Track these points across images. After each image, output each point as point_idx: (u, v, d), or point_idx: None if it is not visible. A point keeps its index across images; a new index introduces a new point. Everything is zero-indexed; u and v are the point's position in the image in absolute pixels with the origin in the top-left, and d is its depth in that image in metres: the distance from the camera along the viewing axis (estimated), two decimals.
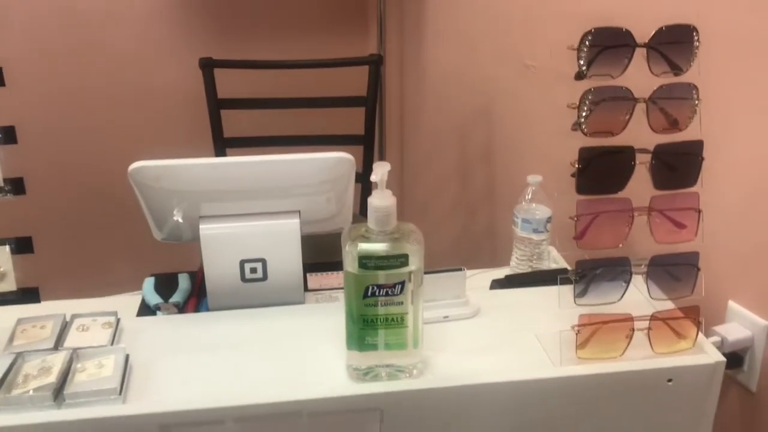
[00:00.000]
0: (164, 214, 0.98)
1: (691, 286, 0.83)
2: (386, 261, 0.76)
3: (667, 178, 0.80)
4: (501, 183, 1.72)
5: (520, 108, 1.58)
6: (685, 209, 0.81)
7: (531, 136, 1.54)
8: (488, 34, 1.68)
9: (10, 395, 0.75)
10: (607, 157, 0.78)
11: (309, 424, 0.78)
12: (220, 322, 0.94)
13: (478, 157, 1.82)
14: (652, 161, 0.78)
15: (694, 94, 0.79)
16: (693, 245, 0.82)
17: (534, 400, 0.81)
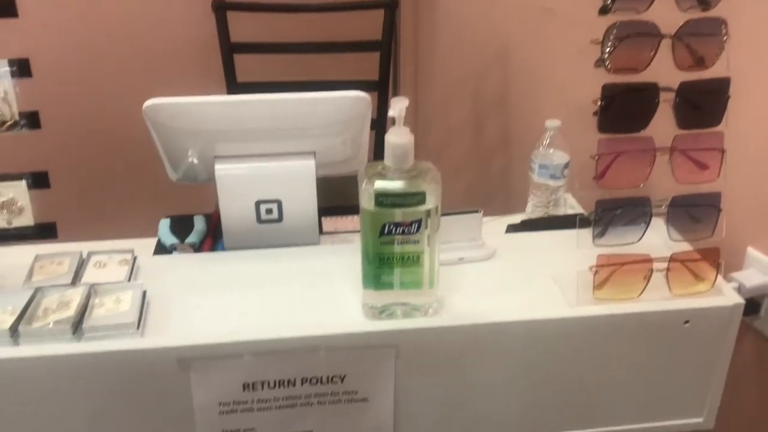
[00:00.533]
0: (179, 154, 0.98)
1: (711, 228, 0.82)
2: (403, 199, 0.75)
3: (691, 117, 0.78)
4: (517, 130, 1.70)
5: (538, 53, 1.55)
6: (708, 149, 0.79)
7: (549, 81, 1.52)
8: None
9: (30, 327, 0.76)
10: (631, 94, 0.76)
11: (326, 359, 0.78)
12: (237, 261, 0.94)
13: (494, 104, 1.79)
14: (676, 99, 0.77)
15: (722, 30, 0.76)
16: (715, 186, 0.81)
17: (550, 341, 0.81)
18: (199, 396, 0.78)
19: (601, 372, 0.84)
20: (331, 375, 0.79)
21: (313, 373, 0.79)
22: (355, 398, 0.81)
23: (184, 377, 0.77)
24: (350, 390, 0.80)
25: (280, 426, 0.81)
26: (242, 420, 0.80)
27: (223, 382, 0.78)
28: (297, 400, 0.80)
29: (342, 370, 0.79)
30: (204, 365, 0.76)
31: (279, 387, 0.79)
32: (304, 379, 0.79)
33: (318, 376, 0.79)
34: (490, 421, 0.86)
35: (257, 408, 0.79)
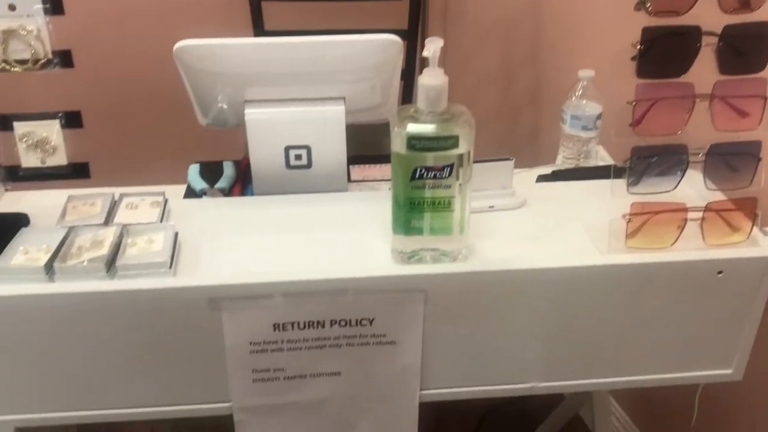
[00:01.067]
0: (209, 98, 0.97)
1: (749, 178, 0.80)
2: (435, 142, 0.74)
3: (734, 62, 0.76)
4: (548, 81, 1.67)
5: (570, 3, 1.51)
6: (750, 96, 0.77)
7: (583, 29, 1.48)
8: None
9: (64, 265, 0.77)
10: (672, 38, 0.74)
11: (354, 302, 0.79)
12: (266, 206, 0.95)
13: (525, 54, 1.76)
14: (719, 43, 0.74)
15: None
16: (755, 135, 0.79)
17: (580, 289, 0.81)
18: (230, 335, 0.79)
19: (631, 321, 0.84)
20: (360, 317, 0.80)
21: (342, 315, 0.79)
22: (383, 341, 0.82)
23: (216, 317, 0.78)
24: (378, 333, 0.81)
25: (309, 366, 0.82)
26: (272, 360, 0.81)
27: (254, 323, 0.78)
28: (326, 342, 0.81)
29: (371, 313, 0.80)
30: (235, 305, 0.77)
31: (308, 328, 0.80)
32: (333, 320, 0.80)
33: (347, 318, 0.80)
34: (516, 368, 0.86)
35: (287, 348, 0.80)
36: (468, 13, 2.02)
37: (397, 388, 0.85)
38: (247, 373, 0.81)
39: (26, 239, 0.81)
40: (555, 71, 1.63)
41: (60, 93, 0.91)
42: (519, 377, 0.86)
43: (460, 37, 2.06)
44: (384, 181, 1.08)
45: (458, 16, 2.07)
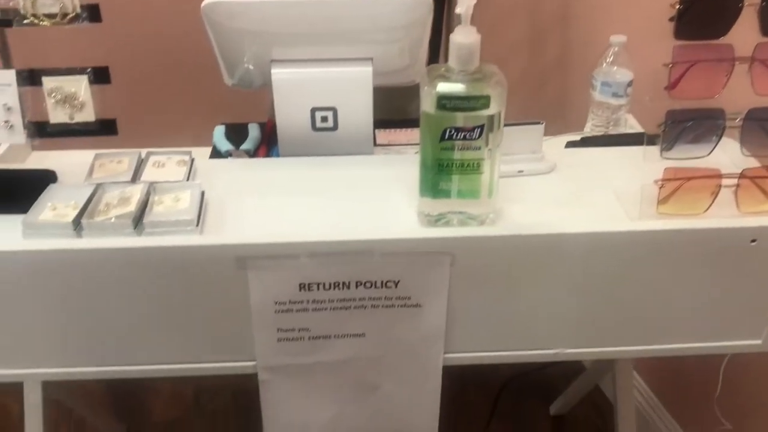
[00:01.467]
0: (236, 57, 0.97)
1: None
2: (466, 102, 0.73)
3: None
4: (577, 47, 1.64)
5: None
6: None
7: None
8: None
9: (92, 221, 0.78)
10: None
11: (381, 263, 0.78)
12: (292, 167, 0.94)
13: (553, 21, 1.72)
14: (763, 3, 0.72)
15: None
16: None
17: (609, 255, 0.80)
18: (256, 294, 0.79)
19: (659, 289, 0.83)
20: (386, 279, 0.79)
21: (367, 277, 0.79)
22: (408, 303, 0.81)
23: (242, 276, 0.78)
24: (404, 295, 0.81)
25: (334, 327, 0.82)
26: (297, 319, 0.81)
27: (280, 282, 0.78)
28: (351, 303, 0.81)
29: (396, 275, 0.79)
30: (261, 264, 0.77)
31: (334, 289, 0.79)
32: (358, 282, 0.79)
33: (372, 279, 0.79)
34: (542, 334, 0.86)
35: (312, 308, 0.80)
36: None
37: (421, 351, 0.85)
38: (271, 332, 0.82)
39: (54, 195, 0.82)
40: (585, 37, 1.60)
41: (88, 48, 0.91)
42: (544, 343, 0.86)
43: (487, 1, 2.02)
44: (410, 146, 1.07)
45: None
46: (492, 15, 1.99)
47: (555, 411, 1.55)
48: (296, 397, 0.87)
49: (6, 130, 0.80)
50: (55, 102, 0.80)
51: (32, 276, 0.77)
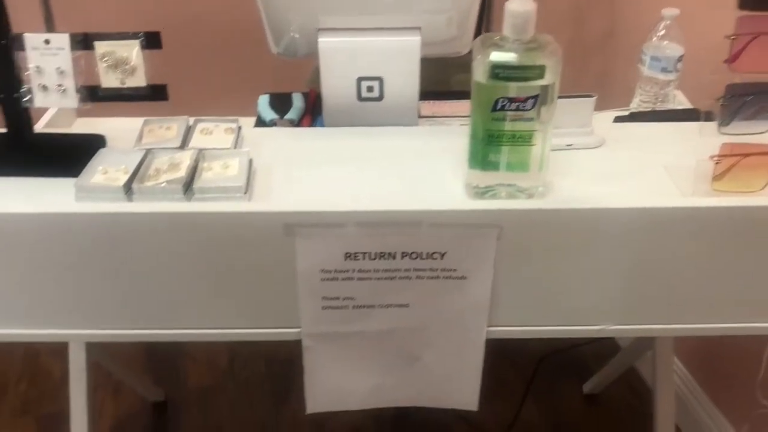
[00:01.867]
0: (283, 25, 0.96)
1: None
2: (520, 72, 0.72)
3: None
4: (625, 20, 1.60)
5: None
6: None
7: None
8: None
9: (143, 185, 0.78)
10: None
11: (427, 235, 0.78)
12: (337, 137, 0.94)
13: None
14: None
15: None
16: None
17: (659, 231, 0.78)
18: (303, 262, 0.79)
19: (710, 267, 0.81)
20: (432, 251, 0.79)
21: (413, 248, 0.79)
22: (454, 276, 0.81)
23: (289, 243, 0.78)
24: (449, 267, 0.80)
25: (378, 297, 0.82)
26: (342, 288, 0.81)
27: (326, 250, 0.79)
28: (396, 273, 0.81)
29: (443, 247, 0.79)
30: (308, 232, 0.77)
31: (379, 259, 0.79)
32: (404, 252, 0.79)
33: (418, 251, 0.79)
34: (587, 310, 0.85)
35: (357, 278, 0.81)
36: None
37: (465, 323, 0.85)
38: (316, 300, 0.82)
39: (105, 159, 0.83)
40: (633, 8, 1.56)
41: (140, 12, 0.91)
42: (589, 319, 0.85)
43: None
44: (454, 118, 1.06)
45: None
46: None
47: (588, 390, 1.54)
48: (338, 364, 0.87)
49: (59, 94, 0.81)
50: (107, 66, 0.80)
51: (83, 238, 0.78)
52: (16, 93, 0.82)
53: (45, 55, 0.80)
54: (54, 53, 0.80)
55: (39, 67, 0.80)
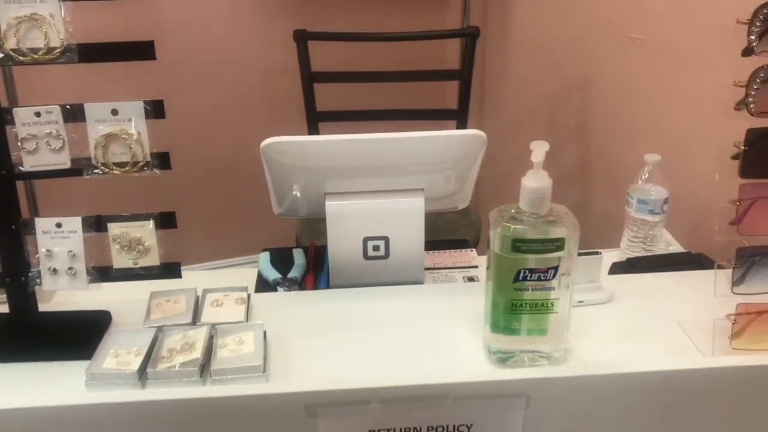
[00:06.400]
0: (287, 190, 0.97)
1: None
2: (541, 245, 0.73)
3: None
4: (598, 161, 1.67)
5: (624, 83, 1.52)
6: None
7: (637, 113, 1.49)
8: (589, 2, 1.62)
9: (156, 369, 0.76)
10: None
11: (453, 407, 0.76)
12: (346, 299, 0.93)
13: (570, 135, 1.77)
14: None
15: None
16: None
17: (684, 391, 0.78)
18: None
19: (732, 425, 0.81)
20: (458, 424, 0.77)
21: (439, 422, 0.77)
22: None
23: (311, 423, 0.75)
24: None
25: None
26: None
27: (350, 429, 0.76)
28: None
29: (470, 419, 0.77)
30: (331, 411, 0.75)
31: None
32: (430, 427, 0.77)
33: (444, 424, 0.77)
34: None
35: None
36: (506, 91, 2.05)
37: None
38: None
39: (115, 341, 0.80)
40: (604, 151, 1.63)
41: (155, 193, 0.91)
42: None
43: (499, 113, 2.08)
44: (456, 269, 1.07)
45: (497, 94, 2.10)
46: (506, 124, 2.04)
47: None
48: None
49: (69, 277, 0.79)
50: (120, 247, 0.79)
51: (93, 428, 0.74)
52: (24, 277, 0.80)
53: (56, 238, 0.79)
54: (65, 236, 0.79)
55: (50, 251, 0.79)
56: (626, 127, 1.54)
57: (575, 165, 1.76)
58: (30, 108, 0.75)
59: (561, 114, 1.80)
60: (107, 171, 0.77)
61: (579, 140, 1.73)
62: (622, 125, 1.56)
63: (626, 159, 1.16)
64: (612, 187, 1.16)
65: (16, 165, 0.77)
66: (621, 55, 1.51)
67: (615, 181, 1.15)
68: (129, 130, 0.76)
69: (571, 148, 1.77)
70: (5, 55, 0.73)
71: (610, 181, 1.41)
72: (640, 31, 1.43)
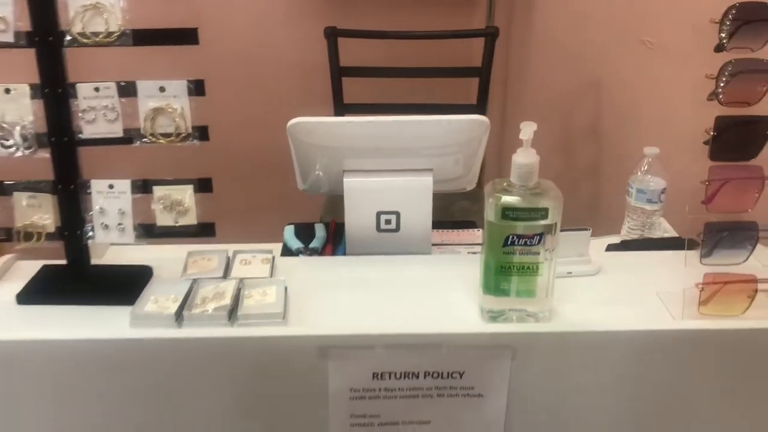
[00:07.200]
0: (311, 167, 1.09)
1: None
2: (527, 213, 0.83)
3: None
4: (608, 156, 1.76)
5: (633, 84, 1.61)
6: None
7: (644, 111, 1.57)
8: (605, 8, 1.71)
9: (192, 313, 0.87)
10: (743, 126, 0.83)
11: (447, 355, 0.86)
12: (360, 265, 1.04)
13: (585, 131, 1.85)
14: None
15: None
16: None
17: (655, 352, 0.87)
18: (334, 382, 0.87)
19: (700, 386, 0.89)
20: (452, 370, 0.87)
21: (435, 368, 0.87)
22: (471, 393, 0.89)
23: (322, 364, 0.86)
24: (468, 386, 0.88)
25: (402, 414, 0.90)
26: (370, 406, 0.89)
27: (356, 371, 0.87)
28: (419, 392, 0.88)
29: (461, 367, 0.87)
30: (340, 354, 0.86)
31: (404, 378, 0.87)
32: (427, 372, 0.87)
33: (439, 370, 0.87)
34: (590, 422, 0.92)
35: (383, 396, 0.88)
36: (527, 90, 2.14)
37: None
38: (345, 418, 0.89)
39: (156, 289, 0.92)
40: (616, 147, 1.72)
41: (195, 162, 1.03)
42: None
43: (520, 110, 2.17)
44: (461, 245, 1.17)
45: (518, 92, 2.20)
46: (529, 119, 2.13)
47: None
48: None
49: (118, 231, 0.91)
50: (163, 207, 0.91)
51: (136, 361, 0.86)
52: (79, 231, 0.92)
53: (108, 197, 0.91)
54: (116, 196, 0.91)
55: (102, 209, 0.91)
56: (634, 124, 1.63)
57: (588, 159, 1.84)
58: (90, 83, 0.88)
59: (576, 111, 1.88)
60: (154, 140, 0.89)
61: (592, 139, 1.82)
62: (630, 122, 1.64)
63: (635, 155, 1.25)
64: (622, 180, 1.25)
65: (76, 133, 0.89)
66: (632, 57, 1.60)
67: (624, 174, 1.24)
68: (174, 105, 0.88)
69: (586, 147, 1.85)
70: (72, 38, 0.85)
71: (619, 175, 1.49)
72: (650, 34, 1.52)
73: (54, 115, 0.88)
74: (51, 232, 0.92)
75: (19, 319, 0.90)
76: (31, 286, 0.95)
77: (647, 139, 1.32)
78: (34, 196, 0.91)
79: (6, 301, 0.92)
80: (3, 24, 0.84)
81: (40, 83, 0.87)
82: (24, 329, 0.87)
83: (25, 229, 0.92)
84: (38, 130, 0.88)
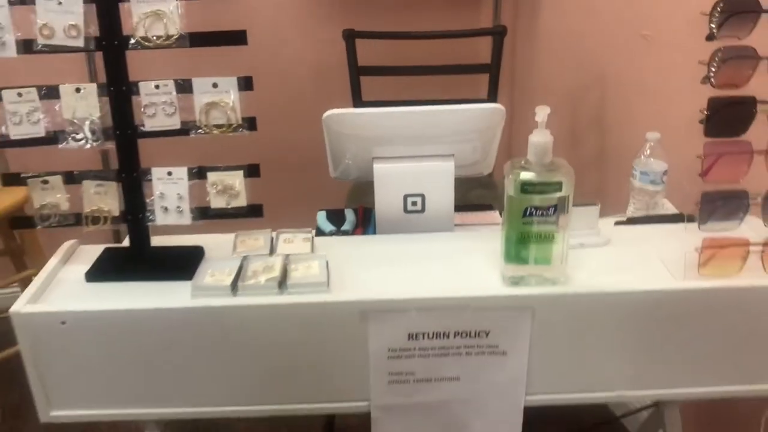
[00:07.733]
0: (342, 155, 1.19)
1: None
2: (543, 187, 0.94)
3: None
4: (612, 144, 1.86)
5: (635, 75, 1.72)
6: None
7: (645, 100, 1.68)
8: (606, 5, 1.82)
9: (246, 284, 0.98)
10: (732, 106, 0.93)
11: (473, 316, 0.97)
12: (390, 242, 1.15)
13: (590, 121, 1.96)
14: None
15: None
16: None
17: (662, 309, 0.98)
18: (374, 343, 0.98)
19: (704, 338, 1.00)
20: (478, 330, 0.98)
21: (463, 327, 0.98)
22: (496, 351, 0.99)
23: (362, 327, 0.97)
24: (492, 344, 0.99)
25: (435, 371, 1.00)
26: (405, 364, 0.99)
27: (393, 332, 0.97)
28: (449, 350, 0.99)
29: (487, 326, 0.98)
30: (379, 317, 0.96)
31: (436, 338, 0.98)
32: (456, 332, 0.98)
33: (467, 330, 0.98)
34: (607, 377, 1.03)
35: (417, 355, 0.99)
36: (535, 85, 2.24)
37: (506, 393, 1.02)
38: (384, 375, 1.00)
39: (211, 265, 1.03)
40: (619, 135, 1.82)
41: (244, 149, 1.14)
42: (608, 386, 1.03)
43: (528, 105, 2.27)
44: (482, 225, 1.28)
45: (526, 87, 2.30)
46: None
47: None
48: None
49: (177, 214, 1.02)
50: (216, 192, 1.02)
51: (197, 328, 0.97)
52: (141, 214, 1.03)
53: (167, 183, 1.02)
54: (174, 182, 1.02)
55: (162, 194, 1.02)
56: (636, 113, 1.73)
57: (594, 148, 1.95)
58: (152, 81, 0.99)
59: (581, 103, 1.99)
60: (208, 131, 0.99)
61: (597, 129, 1.92)
62: (632, 111, 1.75)
63: (637, 142, 1.35)
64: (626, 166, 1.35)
65: (138, 126, 1.00)
66: (632, 51, 1.70)
67: (628, 161, 1.34)
68: (226, 99, 0.98)
69: (591, 138, 1.96)
70: (136, 41, 0.96)
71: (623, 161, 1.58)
72: (649, 28, 1.63)
73: (119, 111, 0.99)
74: (116, 216, 1.03)
75: (92, 293, 1.01)
76: (98, 265, 1.06)
77: (648, 125, 1.42)
78: (102, 184, 1.02)
79: (77, 278, 1.03)
80: (75, 31, 0.95)
81: (107, 82, 0.98)
82: (97, 301, 0.98)
83: (92, 214, 1.03)
84: (105, 125, 0.99)
